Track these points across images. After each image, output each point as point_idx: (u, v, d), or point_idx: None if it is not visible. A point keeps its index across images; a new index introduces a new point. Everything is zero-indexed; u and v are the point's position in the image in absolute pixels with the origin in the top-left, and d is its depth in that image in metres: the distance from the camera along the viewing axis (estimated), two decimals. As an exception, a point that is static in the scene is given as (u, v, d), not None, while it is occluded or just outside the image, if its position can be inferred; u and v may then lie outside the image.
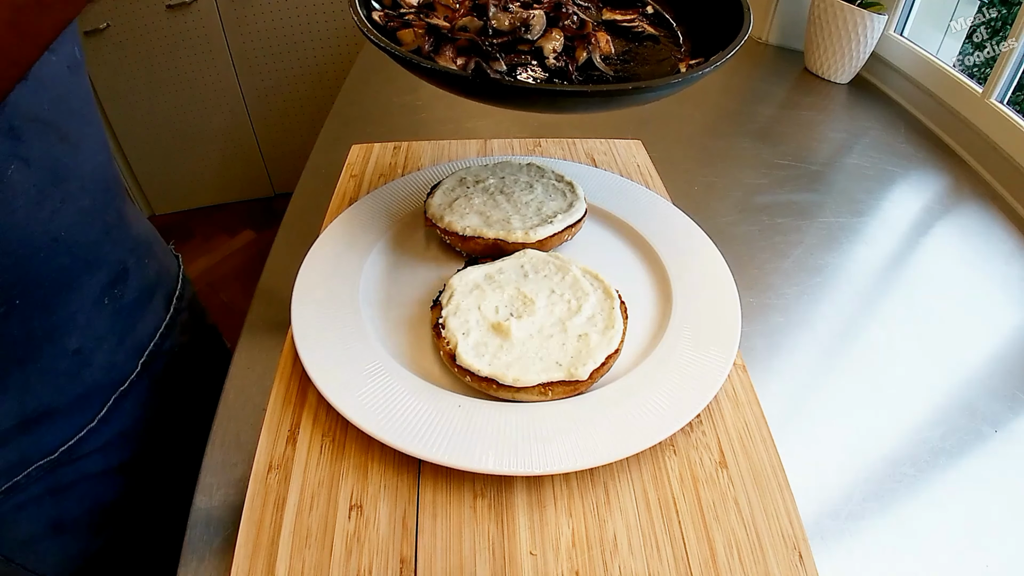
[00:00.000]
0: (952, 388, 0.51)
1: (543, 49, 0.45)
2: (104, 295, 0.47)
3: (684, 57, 0.49)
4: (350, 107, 0.90)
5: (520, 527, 0.38)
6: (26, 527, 0.47)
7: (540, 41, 0.46)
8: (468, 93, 0.41)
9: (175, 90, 1.92)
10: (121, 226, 0.49)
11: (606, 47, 0.48)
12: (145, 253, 0.53)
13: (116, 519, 0.53)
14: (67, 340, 0.45)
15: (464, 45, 0.44)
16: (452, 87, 0.41)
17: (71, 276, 0.44)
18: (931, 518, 0.42)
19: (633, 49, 0.50)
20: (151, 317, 0.54)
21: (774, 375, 0.51)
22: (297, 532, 0.37)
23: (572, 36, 0.47)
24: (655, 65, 0.49)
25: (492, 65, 0.43)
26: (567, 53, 0.46)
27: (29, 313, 0.41)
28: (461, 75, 0.40)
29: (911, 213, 0.74)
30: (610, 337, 0.45)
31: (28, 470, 0.45)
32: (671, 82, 0.40)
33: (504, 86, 0.40)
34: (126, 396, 0.51)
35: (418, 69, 0.40)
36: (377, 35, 0.41)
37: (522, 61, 0.45)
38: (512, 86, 0.41)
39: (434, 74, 0.40)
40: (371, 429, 0.40)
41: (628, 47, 0.50)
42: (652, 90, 0.40)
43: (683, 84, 0.40)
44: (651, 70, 0.48)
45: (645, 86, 0.39)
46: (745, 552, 0.37)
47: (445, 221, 0.54)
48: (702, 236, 0.58)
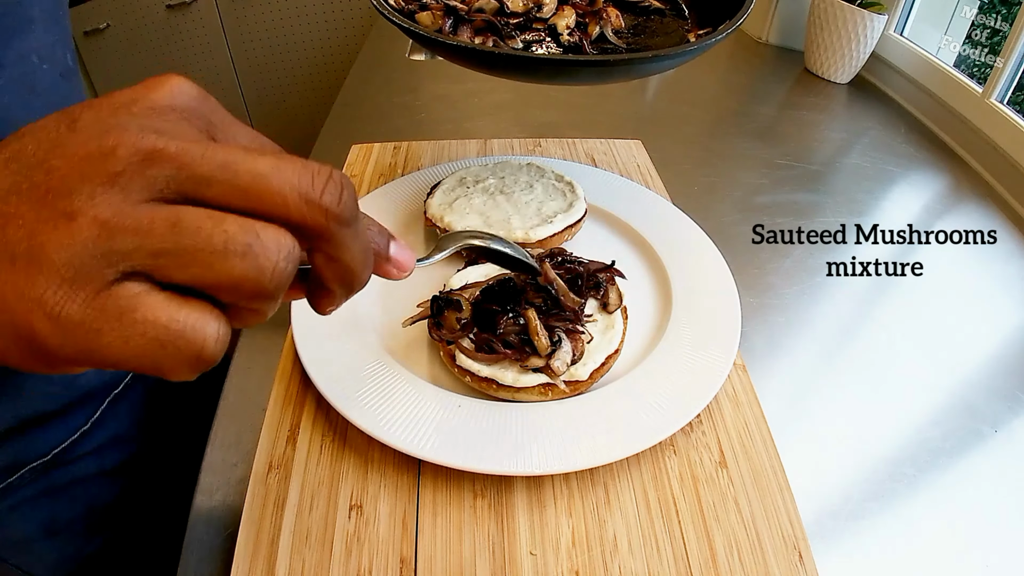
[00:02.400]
0: (952, 388, 0.51)
1: (557, 26, 0.47)
2: None
3: (692, 28, 0.51)
4: (350, 107, 0.90)
5: (520, 527, 0.38)
6: (20, 528, 0.47)
7: (553, 19, 0.48)
8: (492, 67, 0.43)
9: (175, 90, 1.92)
10: None
11: (616, 21, 0.50)
12: None
13: (112, 521, 0.53)
14: None
15: (481, 25, 0.46)
16: (477, 63, 0.43)
17: None
18: (931, 518, 0.42)
19: (641, 23, 0.52)
20: None
21: (774, 375, 0.51)
22: (297, 532, 0.37)
23: (584, 12, 0.49)
24: (664, 37, 0.51)
25: (508, 43, 0.46)
26: (580, 29, 0.49)
27: None
28: (488, 51, 0.42)
29: (911, 213, 0.74)
30: (610, 337, 0.45)
31: (21, 472, 0.45)
32: (687, 49, 0.42)
33: (528, 59, 0.42)
34: (120, 399, 0.51)
35: (443, 47, 0.41)
36: (400, 17, 0.42)
37: (537, 38, 0.47)
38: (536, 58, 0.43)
39: (459, 51, 0.41)
40: (371, 429, 0.40)
41: (636, 21, 0.52)
42: (669, 57, 0.42)
43: (698, 51, 0.42)
44: (662, 41, 0.50)
45: (664, 54, 0.41)
46: (745, 552, 0.37)
47: (445, 221, 0.54)
48: (702, 236, 0.58)
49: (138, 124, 0.18)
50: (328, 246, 0.20)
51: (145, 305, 0.17)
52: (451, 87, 0.95)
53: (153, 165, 0.17)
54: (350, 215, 0.20)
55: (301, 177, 0.18)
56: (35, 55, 0.38)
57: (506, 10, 0.48)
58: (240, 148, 0.18)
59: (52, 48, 0.39)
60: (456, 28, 0.46)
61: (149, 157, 0.17)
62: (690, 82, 1.03)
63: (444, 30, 0.46)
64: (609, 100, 0.95)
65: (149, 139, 0.17)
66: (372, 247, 0.22)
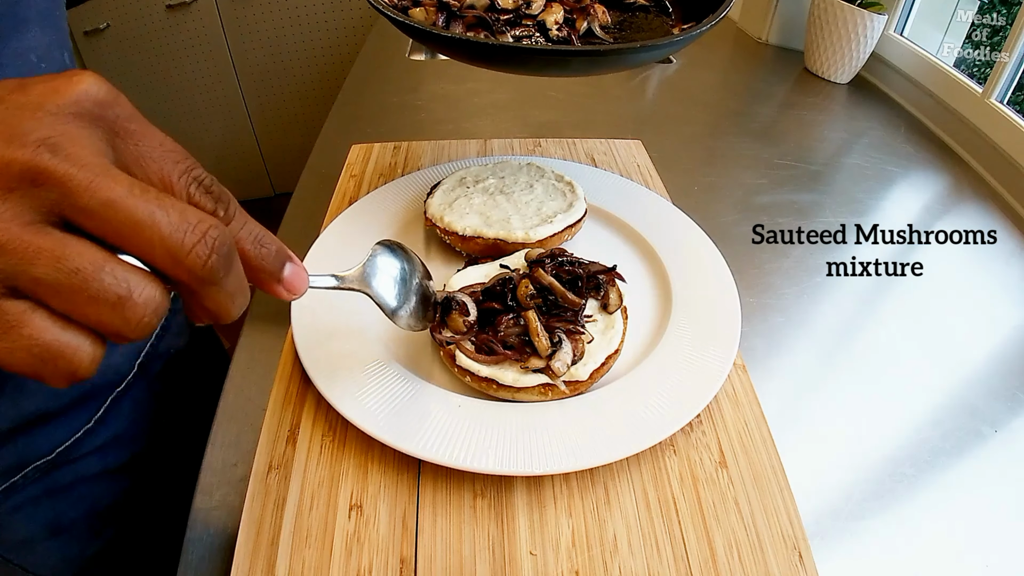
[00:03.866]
0: (952, 388, 0.51)
1: (546, 22, 0.49)
2: None
3: (676, 23, 0.53)
4: (350, 107, 0.90)
5: (520, 527, 0.38)
6: (24, 528, 0.47)
7: (542, 15, 0.49)
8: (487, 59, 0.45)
9: (175, 90, 1.92)
10: None
11: (603, 17, 0.52)
12: None
13: (115, 520, 0.53)
14: None
15: (472, 21, 0.47)
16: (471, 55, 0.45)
17: None
18: (931, 518, 0.42)
19: (627, 19, 0.54)
20: None
21: (774, 375, 0.51)
22: (297, 532, 0.37)
23: (572, 8, 0.51)
24: (649, 32, 0.53)
25: (500, 38, 0.47)
26: (568, 24, 0.50)
27: None
28: (483, 42, 0.43)
29: (911, 213, 0.74)
30: (610, 337, 0.45)
31: (24, 471, 0.45)
32: (674, 40, 0.43)
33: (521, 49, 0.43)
34: (122, 398, 0.51)
35: (439, 40, 0.43)
36: (394, 11, 0.43)
37: (527, 33, 0.49)
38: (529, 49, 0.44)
39: (455, 43, 0.43)
40: (371, 429, 0.40)
41: (622, 17, 0.54)
42: (657, 47, 0.43)
43: (683, 42, 0.44)
44: (647, 36, 0.52)
45: (651, 44, 0.43)
46: (745, 552, 0.37)
47: (445, 221, 0.54)
48: (702, 236, 0.58)
49: (37, 136, 0.18)
50: (191, 296, 0.21)
51: (31, 323, 0.19)
52: (451, 87, 0.95)
53: (42, 186, 0.18)
54: (213, 276, 0.21)
55: (174, 233, 0.19)
56: (33, 54, 0.38)
57: (497, 7, 0.49)
58: (126, 186, 0.19)
59: (49, 48, 0.39)
60: (449, 23, 0.48)
61: (40, 177, 0.18)
62: (690, 82, 1.03)
63: (437, 25, 0.47)
64: (609, 100, 0.95)
65: (43, 158, 0.18)
66: (244, 288, 0.23)
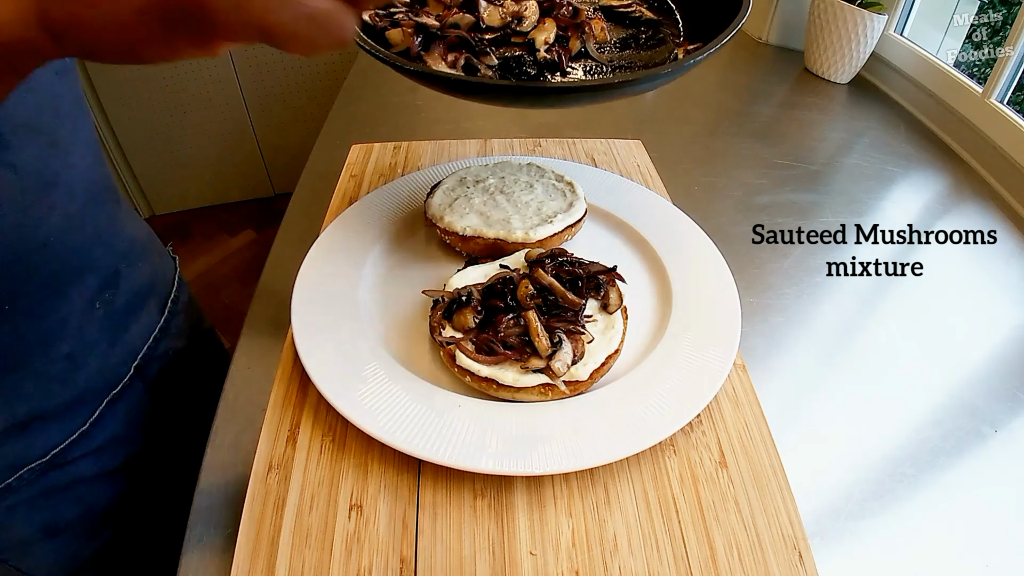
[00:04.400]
0: (952, 388, 0.51)
1: (536, 41, 0.45)
2: (95, 300, 0.47)
3: (682, 42, 0.48)
4: (350, 107, 0.90)
5: (520, 527, 0.38)
6: (19, 529, 0.47)
7: (533, 33, 0.45)
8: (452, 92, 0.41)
9: (175, 90, 1.92)
10: (112, 230, 0.49)
11: (601, 34, 0.48)
12: (138, 257, 0.53)
13: (112, 522, 0.53)
14: (59, 345, 0.44)
15: (455, 42, 0.44)
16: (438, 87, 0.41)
17: (61, 282, 0.43)
18: (931, 517, 0.42)
19: (631, 35, 0.49)
20: (145, 321, 0.54)
21: (774, 375, 0.51)
22: (297, 532, 0.37)
23: (566, 25, 0.47)
24: (652, 52, 0.48)
25: (483, 60, 0.43)
26: (560, 43, 0.46)
27: (20, 319, 0.41)
28: (444, 75, 0.40)
29: (911, 213, 0.74)
30: (610, 337, 0.45)
31: (19, 473, 0.45)
32: (660, 73, 0.38)
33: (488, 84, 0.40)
34: (119, 400, 0.50)
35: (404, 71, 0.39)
36: (363, 37, 0.40)
37: (513, 54, 0.45)
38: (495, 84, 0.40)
39: (419, 75, 0.39)
40: (371, 429, 0.40)
41: (626, 33, 0.50)
42: (639, 82, 0.39)
43: (674, 75, 0.39)
44: (649, 56, 0.47)
45: (632, 79, 0.38)
46: (745, 552, 0.37)
47: (445, 221, 0.54)
48: (702, 236, 0.58)
49: None
50: None
51: None
52: (451, 87, 0.95)
53: None
54: None
55: None
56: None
57: (482, 25, 0.45)
58: None
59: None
60: (428, 45, 0.44)
61: None
62: (690, 82, 1.03)
63: (413, 48, 0.44)
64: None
65: None
66: None
